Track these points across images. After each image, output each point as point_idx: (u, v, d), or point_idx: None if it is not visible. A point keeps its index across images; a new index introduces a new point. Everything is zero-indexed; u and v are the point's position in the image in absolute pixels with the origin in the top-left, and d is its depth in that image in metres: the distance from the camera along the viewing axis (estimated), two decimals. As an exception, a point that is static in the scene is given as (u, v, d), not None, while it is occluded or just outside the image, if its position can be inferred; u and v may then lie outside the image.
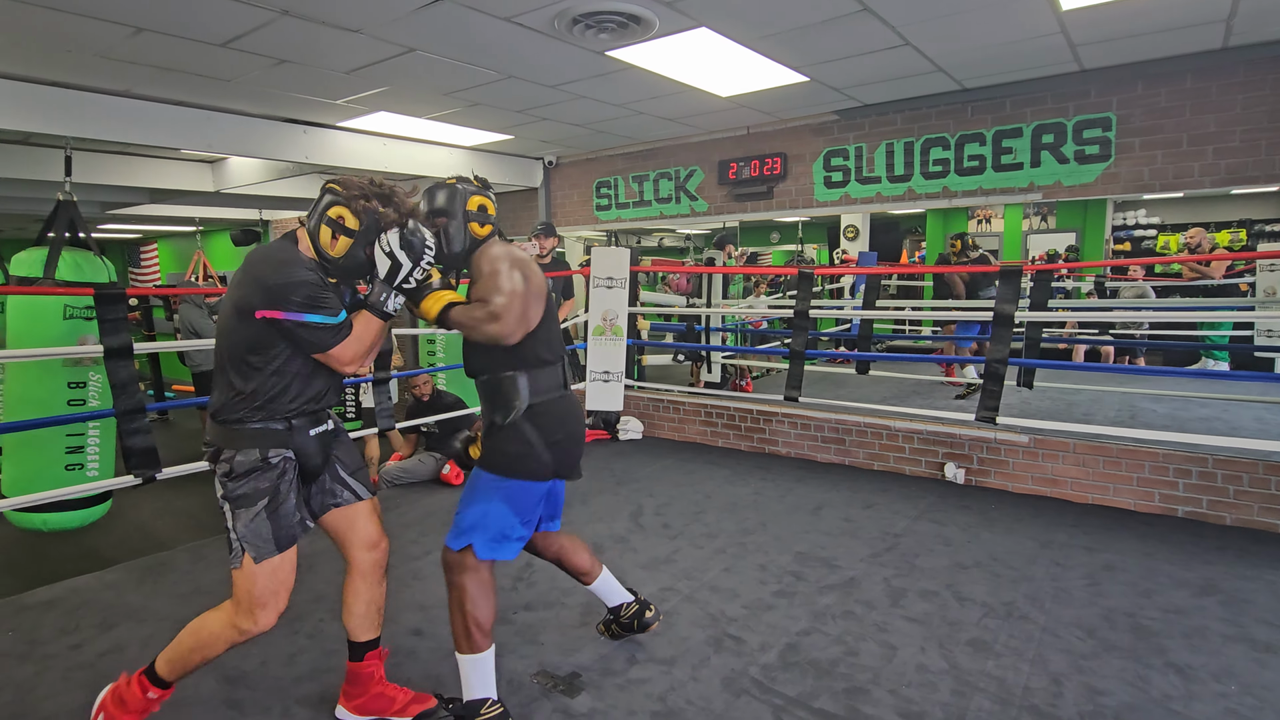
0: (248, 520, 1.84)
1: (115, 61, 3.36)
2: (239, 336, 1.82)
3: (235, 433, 1.85)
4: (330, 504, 2.04)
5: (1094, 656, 2.37)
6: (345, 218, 1.85)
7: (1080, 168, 3.95)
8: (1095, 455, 3.91)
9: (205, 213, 8.40)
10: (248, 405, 1.84)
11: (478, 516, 2.00)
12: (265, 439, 1.86)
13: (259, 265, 1.83)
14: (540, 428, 2.03)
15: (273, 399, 1.85)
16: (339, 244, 1.87)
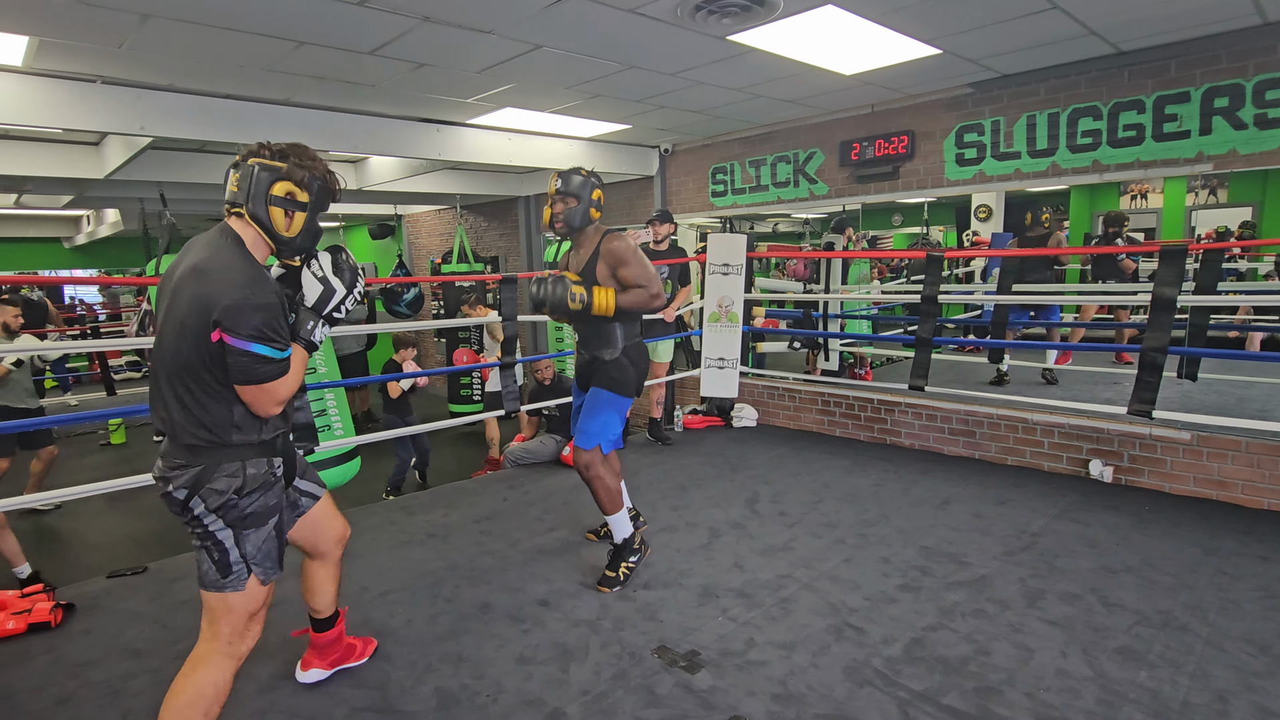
0: (259, 541, 1.74)
1: (279, 74, 3.71)
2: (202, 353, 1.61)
3: (233, 449, 1.69)
4: (296, 516, 1.98)
5: (1269, 675, 2.14)
6: (294, 192, 1.72)
7: (1261, 134, 3.50)
8: (1273, 456, 3.49)
9: (347, 209, 9.10)
10: (243, 416, 1.69)
11: (602, 425, 2.79)
12: (266, 449, 1.75)
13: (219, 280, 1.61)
14: (633, 361, 2.86)
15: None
16: (294, 221, 1.73)
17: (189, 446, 1.67)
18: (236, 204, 1.71)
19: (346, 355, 7.81)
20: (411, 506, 3.98)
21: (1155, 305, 3.16)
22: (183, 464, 1.66)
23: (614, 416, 2.81)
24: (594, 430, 2.78)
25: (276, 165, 1.71)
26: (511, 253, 8.82)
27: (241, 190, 1.69)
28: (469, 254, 7.72)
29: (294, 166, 1.72)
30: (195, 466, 1.66)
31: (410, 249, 10.65)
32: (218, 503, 1.67)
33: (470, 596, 2.83)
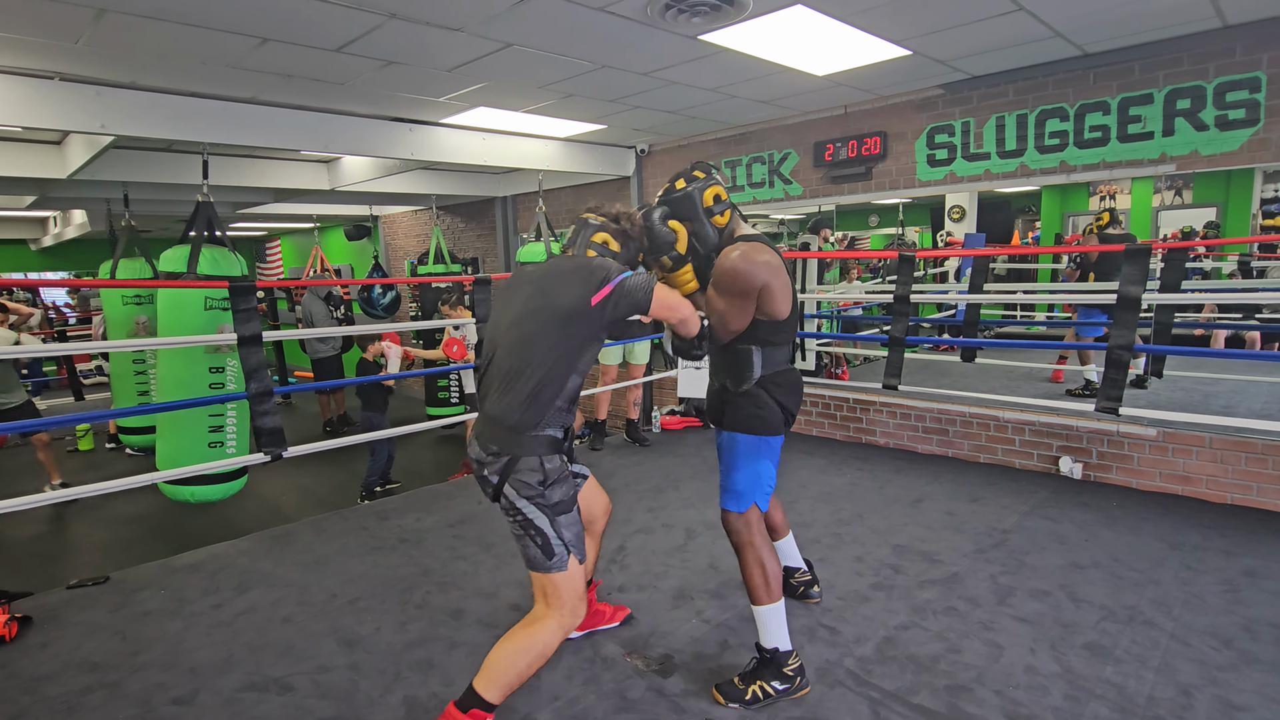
0: (570, 524, 1.88)
1: (244, 71, 3.64)
2: (569, 340, 1.82)
3: (537, 440, 1.83)
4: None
5: (1231, 669, 2.17)
6: (609, 242, 2.01)
7: (1222, 134, 3.57)
8: (1236, 451, 3.56)
9: (322, 210, 8.98)
10: (550, 410, 1.83)
11: (752, 478, 2.18)
12: (559, 444, 1.89)
13: (570, 268, 1.89)
14: (774, 391, 2.21)
15: (572, 401, 1.88)
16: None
17: (502, 433, 1.86)
18: (565, 250, 2.07)
19: (321, 359, 7.70)
20: (384, 511, 3.93)
21: (1120, 304, 3.20)
22: (494, 451, 1.86)
23: (765, 464, 2.20)
24: (743, 487, 2.17)
25: (601, 222, 2.04)
26: (489, 254, 8.75)
27: (571, 240, 2.05)
28: (446, 255, 7.65)
29: (609, 222, 2.03)
30: (499, 457, 1.85)
31: (387, 250, 10.53)
32: (526, 490, 1.84)
33: (442, 602, 2.79)
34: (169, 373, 4.10)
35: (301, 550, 3.40)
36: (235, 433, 4.13)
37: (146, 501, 5.53)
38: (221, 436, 4.07)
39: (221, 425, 4.07)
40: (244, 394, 3.20)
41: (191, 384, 4.00)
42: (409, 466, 6.03)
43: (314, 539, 3.54)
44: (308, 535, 3.60)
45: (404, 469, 5.87)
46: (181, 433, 4.01)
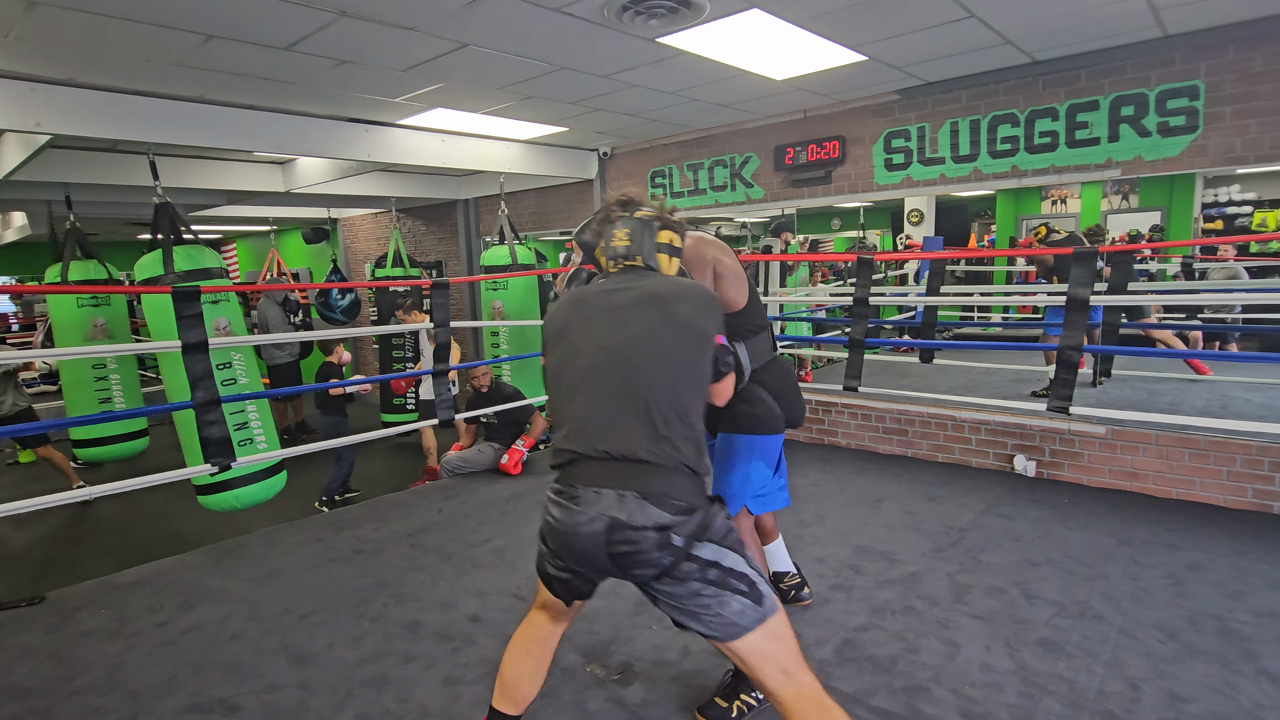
0: (756, 563, 1.59)
1: (189, 69, 3.52)
2: (703, 368, 1.58)
3: (705, 484, 1.57)
4: None
5: (1176, 661, 2.23)
6: (674, 239, 1.79)
7: (1164, 141, 3.69)
8: (1180, 447, 3.67)
9: (278, 212, 8.76)
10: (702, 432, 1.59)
11: (741, 480, 2.15)
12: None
13: (691, 290, 1.67)
14: (772, 384, 2.18)
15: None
16: (673, 266, 1.78)
17: (682, 482, 1.49)
18: (630, 256, 1.74)
19: (278, 365, 7.50)
20: (340, 521, 3.84)
21: (1070, 305, 3.28)
22: (682, 505, 1.47)
23: (757, 465, 2.17)
24: (732, 489, 2.15)
25: (658, 217, 1.78)
26: (452, 257, 8.63)
27: (635, 243, 1.74)
28: (404, 258, 7.52)
29: (664, 215, 1.79)
30: (696, 507, 1.50)
31: (346, 254, 10.32)
32: (723, 531, 1.54)
33: (398, 615, 2.73)
34: (175, 380, 3.90)
35: (252, 564, 3.29)
36: (261, 426, 3.94)
37: (88, 515, 5.32)
38: (248, 433, 3.88)
39: (245, 422, 3.87)
40: (189, 403, 3.09)
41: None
42: (365, 474, 5.90)
43: (266, 551, 3.43)
44: (259, 548, 3.49)
45: (360, 477, 5.74)
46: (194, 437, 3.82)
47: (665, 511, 1.45)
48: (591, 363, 1.57)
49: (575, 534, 1.49)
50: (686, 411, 1.53)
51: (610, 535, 1.45)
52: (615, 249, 1.74)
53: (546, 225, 7.30)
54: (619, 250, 1.74)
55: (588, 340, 1.60)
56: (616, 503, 1.45)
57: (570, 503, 1.50)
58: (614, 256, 1.75)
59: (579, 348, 1.61)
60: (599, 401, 1.54)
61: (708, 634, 1.51)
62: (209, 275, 3.87)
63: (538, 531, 1.63)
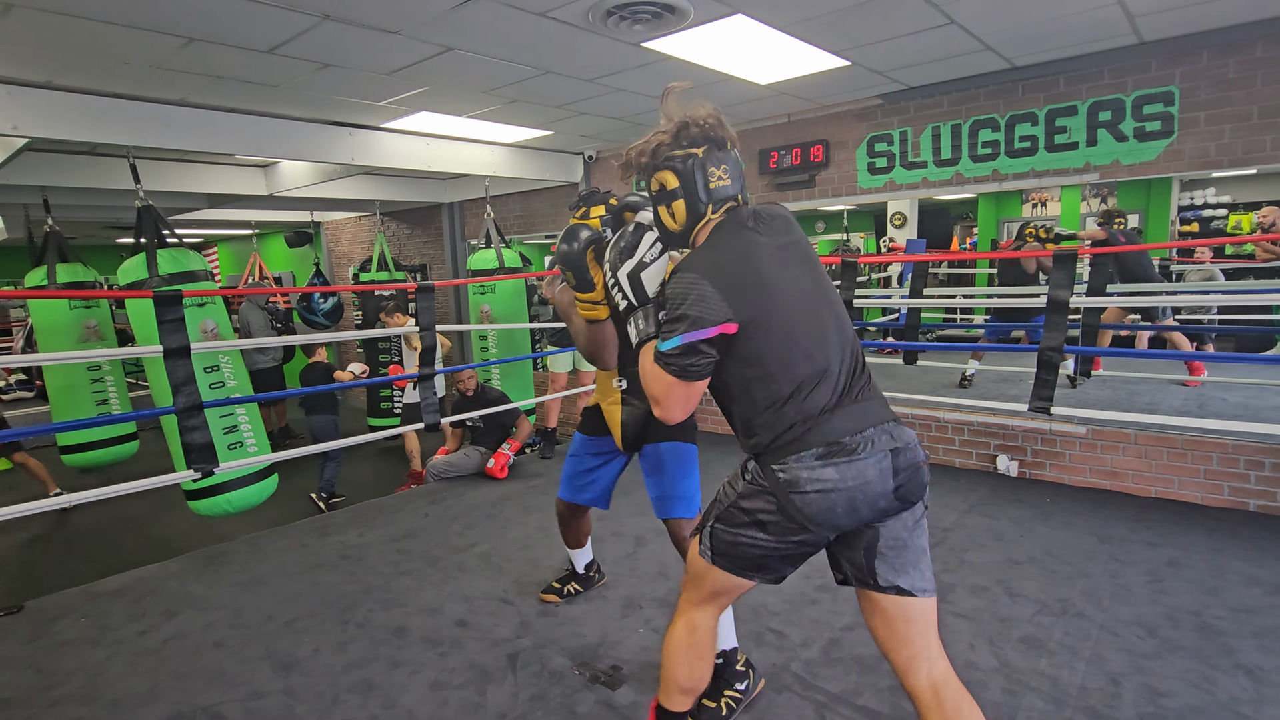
0: None
1: (169, 72, 3.49)
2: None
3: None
4: None
5: (1156, 656, 2.26)
6: (666, 180, 1.55)
7: (1140, 145, 3.75)
8: (1159, 447, 3.73)
9: (260, 216, 8.68)
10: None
11: (696, 484, 2.30)
12: None
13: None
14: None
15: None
16: (677, 211, 1.57)
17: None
18: (732, 195, 1.58)
19: (261, 370, 7.43)
20: (325, 527, 3.81)
21: (1050, 307, 3.32)
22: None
23: (697, 472, 2.34)
24: (694, 492, 2.28)
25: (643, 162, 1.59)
26: (437, 260, 8.60)
27: (735, 182, 1.58)
28: (389, 262, 7.48)
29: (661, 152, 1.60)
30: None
31: (330, 257, 10.25)
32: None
33: (384, 620, 2.71)
34: (161, 384, 3.85)
35: (236, 570, 3.26)
36: (251, 430, 3.90)
37: (67, 523, 5.24)
38: (238, 436, 3.84)
39: (235, 425, 3.83)
40: (171, 408, 3.05)
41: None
42: (350, 479, 5.86)
43: (250, 558, 3.40)
44: (243, 554, 3.46)
45: (345, 482, 5.70)
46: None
47: (908, 438, 1.50)
48: (808, 310, 1.50)
49: (864, 483, 1.42)
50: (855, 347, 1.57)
51: (896, 465, 1.45)
52: (720, 190, 1.55)
53: (532, 229, 7.29)
54: (725, 191, 1.56)
55: (791, 287, 1.49)
56: (888, 436, 1.47)
57: (846, 457, 1.43)
58: (719, 200, 1.55)
59: (785, 296, 1.48)
60: (832, 348, 1.49)
61: (916, 588, 1.47)
62: (193, 278, 3.84)
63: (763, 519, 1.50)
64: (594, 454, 2.48)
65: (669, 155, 1.54)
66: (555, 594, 2.79)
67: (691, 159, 1.53)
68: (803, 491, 1.43)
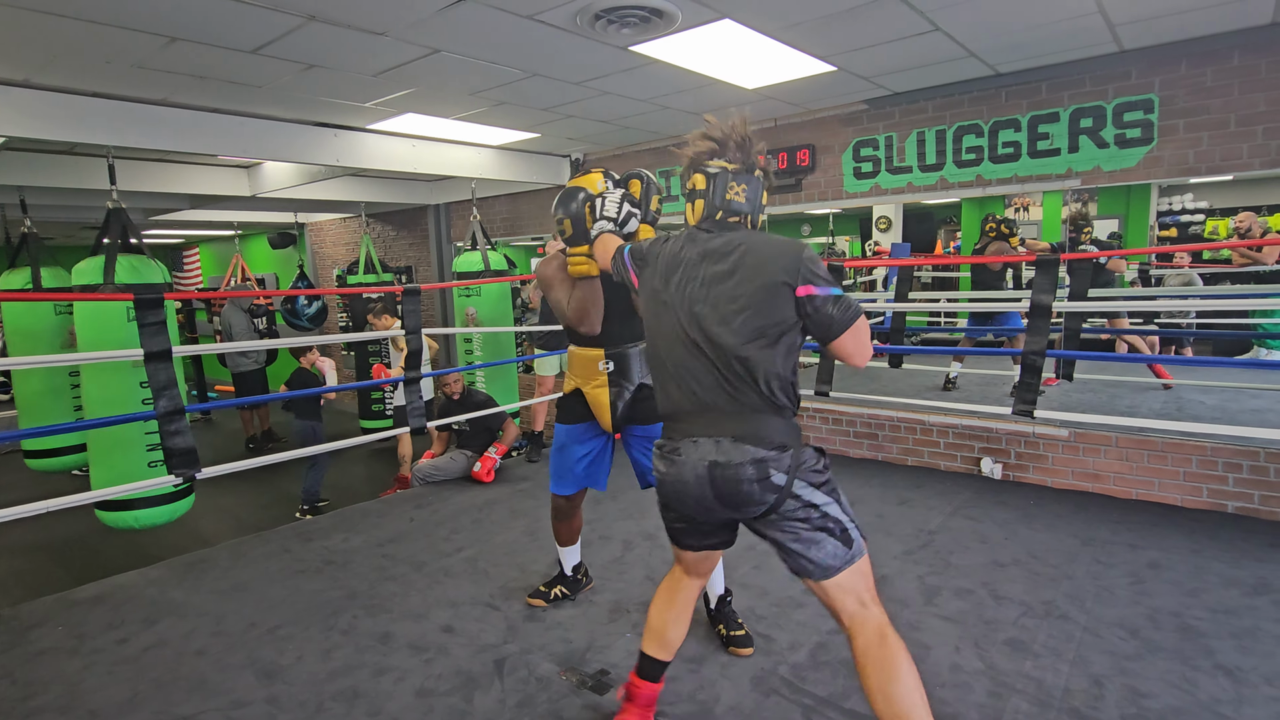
0: (849, 506, 1.74)
1: (152, 71, 3.44)
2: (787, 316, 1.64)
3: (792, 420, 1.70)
4: None
5: (1138, 658, 2.29)
6: (696, 182, 1.76)
7: (1121, 152, 3.81)
8: (1139, 449, 3.78)
9: (243, 217, 8.59)
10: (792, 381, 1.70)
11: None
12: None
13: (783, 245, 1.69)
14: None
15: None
16: (695, 208, 1.77)
17: (780, 424, 1.64)
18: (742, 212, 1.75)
19: (243, 373, 7.35)
20: (309, 532, 3.77)
21: (1033, 311, 3.36)
22: (775, 445, 1.62)
23: None
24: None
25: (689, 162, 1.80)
26: (422, 262, 8.55)
27: (750, 203, 1.74)
28: (376, 264, 7.43)
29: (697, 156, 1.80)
30: (787, 448, 1.62)
31: (314, 259, 10.16)
32: (816, 479, 1.68)
33: (369, 627, 2.68)
34: (95, 392, 3.79)
35: (218, 577, 3.22)
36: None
37: (43, 529, 5.14)
38: (161, 454, 3.77)
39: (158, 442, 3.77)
40: (152, 413, 3.01)
41: (122, 401, 3.72)
42: (338, 483, 5.80)
43: (232, 564, 3.36)
44: (225, 561, 3.41)
45: (333, 486, 5.65)
46: (116, 454, 3.72)
47: (758, 448, 1.62)
48: (675, 325, 1.74)
49: (681, 483, 1.71)
50: (778, 358, 1.68)
51: (713, 476, 1.66)
52: (732, 204, 1.72)
53: (519, 231, 7.27)
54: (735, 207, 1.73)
55: (674, 299, 1.73)
56: (713, 448, 1.67)
57: (668, 457, 1.73)
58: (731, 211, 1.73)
59: (663, 303, 1.76)
60: (685, 361, 1.73)
61: (800, 572, 1.68)
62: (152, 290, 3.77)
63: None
64: (581, 442, 2.53)
65: (704, 164, 1.75)
66: (541, 598, 2.77)
67: (721, 173, 1.73)
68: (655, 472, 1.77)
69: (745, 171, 1.72)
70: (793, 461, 1.62)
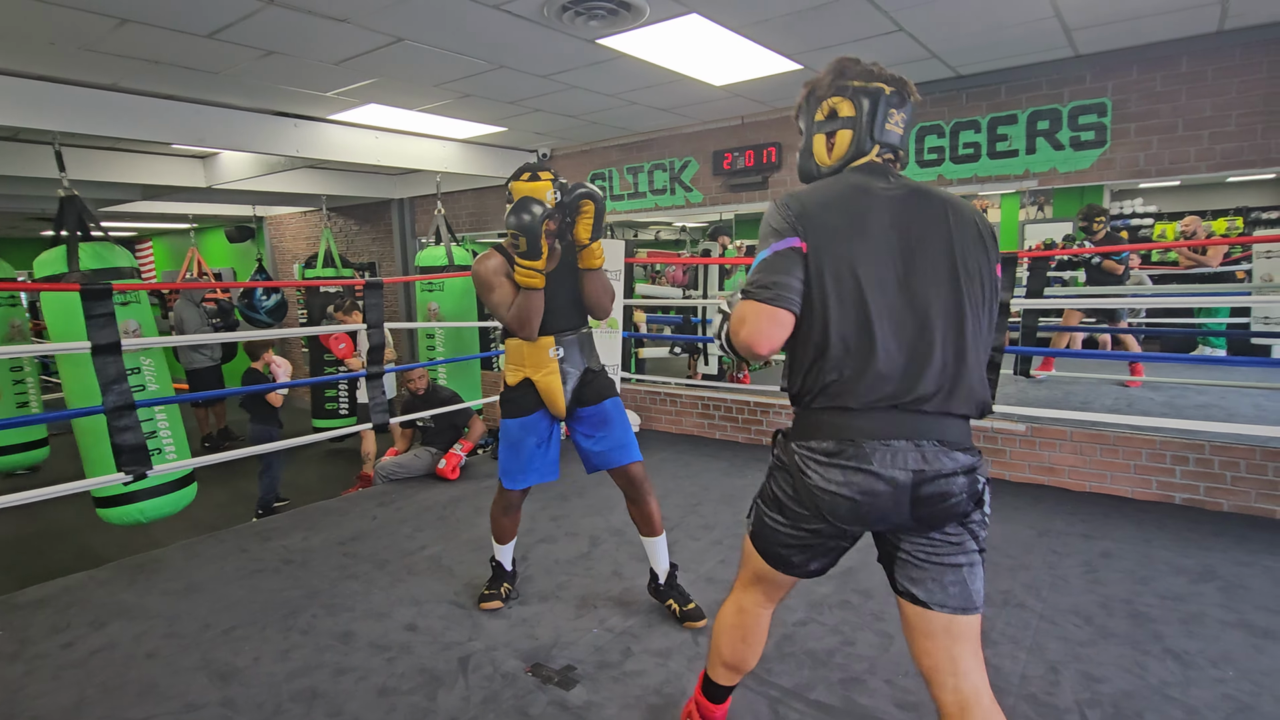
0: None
1: (101, 54, 3.32)
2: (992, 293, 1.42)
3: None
4: None
5: (1091, 644, 2.35)
6: (840, 107, 1.45)
7: (1076, 154, 3.92)
8: (1092, 443, 3.89)
9: (199, 209, 8.34)
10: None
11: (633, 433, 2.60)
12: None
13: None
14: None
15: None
16: (839, 142, 1.47)
17: (967, 425, 1.36)
18: (900, 147, 1.47)
19: (198, 369, 7.13)
20: (267, 531, 3.67)
21: (993, 308, 3.43)
22: (974, 449, 1.36)
23: None
24: (633, 439, 2.59)
25: (823, 87, 1.48)
26: (385, 258, 8.41)
27: (904, 137, 1.47)
28: (336, 258, 7.27)
29: (842, 78, 1.47)
30: (974, 450, 1.35)
31: (273, 253, 9.92)
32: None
33: (329, 626, 2.62)
34: (75, 385, 3.61)
35: (171, 578, 3.12)
36: (171, 435, 3.66)
37: (-14, 531, 4.93)
38: (157, 442, 3.60)
39: (154, 430, 3.60)
40: (100, 408, 2.90)
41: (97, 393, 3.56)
42: (294, 482, 5.67)
43: (186, 565, 3.26)
44: (179, 561, 3.31)
45: (290, 485, 5.52)
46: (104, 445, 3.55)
47: (963, 453, 1.35)
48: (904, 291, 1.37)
49: (872, 496, 1.34)
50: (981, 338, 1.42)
51: (916, 492, 1.34)
52: (889, 135, 1.44)
53: (485, 226, 7.19)
54: (891, 138, 1.45)
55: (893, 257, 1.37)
56: (919, 456, 1.34)
57: (856, 463, 1.35)
58: (886, 145, 1.45)
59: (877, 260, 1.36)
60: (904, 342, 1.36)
61: (934, 602, 1.36)
62: (119, 275, 3.64)
63: (782, 500, 1.46)
64: (533, 433, 2.53)
65: (853, 84, 1.43)
66: (497, 599, 2.72)
67: (878, 94, 1.42)
68: (810, 480, 1.37)
69: (900, 99, 1.43)
70: (985, 464, 1.38)
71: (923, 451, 1.31)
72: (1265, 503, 3.46)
